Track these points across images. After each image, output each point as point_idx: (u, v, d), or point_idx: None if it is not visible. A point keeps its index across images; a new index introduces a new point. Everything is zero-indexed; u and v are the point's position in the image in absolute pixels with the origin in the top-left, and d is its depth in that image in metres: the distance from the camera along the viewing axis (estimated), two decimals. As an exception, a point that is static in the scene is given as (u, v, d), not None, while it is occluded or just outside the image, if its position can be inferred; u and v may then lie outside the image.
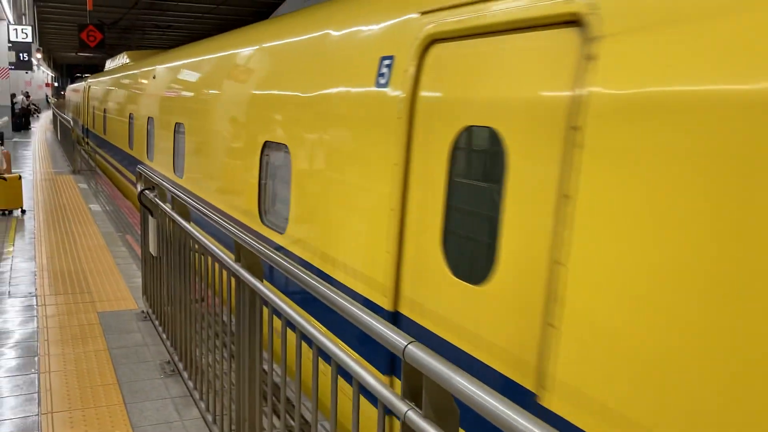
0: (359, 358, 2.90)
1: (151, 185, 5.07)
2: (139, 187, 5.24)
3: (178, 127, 8.07)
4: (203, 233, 3.77)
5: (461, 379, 1.53)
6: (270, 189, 4.99)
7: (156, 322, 5.28)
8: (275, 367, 3.50)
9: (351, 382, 2.03)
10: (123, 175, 12.74)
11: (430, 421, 1.65)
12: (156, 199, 4.82)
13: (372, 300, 3.37)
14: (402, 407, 1.74)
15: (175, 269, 4.29)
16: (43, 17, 35.05)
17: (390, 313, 3.21)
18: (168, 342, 4.81)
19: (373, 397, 1.88)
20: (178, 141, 8.07)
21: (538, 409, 2.26)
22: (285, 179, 4.61)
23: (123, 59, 17.22)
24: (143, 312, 5.74)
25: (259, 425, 3.05)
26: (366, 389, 1.95)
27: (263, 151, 5.02)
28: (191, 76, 7.90)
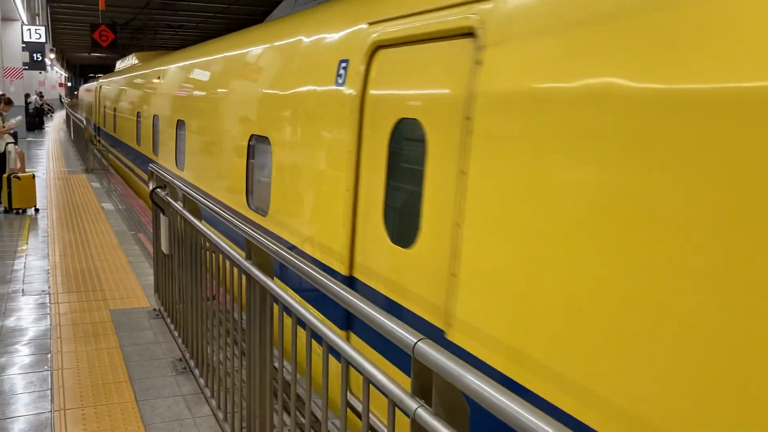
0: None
1: (163, 183, 5.09)
2: (151, 186, 5.27)
3: (179, 124, 8.60)
4: (214, 231, 3.78)
5: (472, 377, 1.52)
6: (255, 177, 5.53)
7: (168, 319, 5.31)
8: (285, 365, 3.51)
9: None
10: (132, 171, 13.43)
11: (439, 419, 1.64)
12: (167, 198, 4.84)
13: (333, 267, 3.86)
14: (412, 404, 1.73)
15: (187, 267, 4.31)
16: (56, 17, 35.33)
17: (346, 278, 3.72)
18: (179, 339, 4.83)
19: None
20: (178, 137, 8.59)
21: (445, 343, 2.71)
22: (267, 168, 5.10)
23: (132, 60, 17.94)
24: (155, 310, 5.76)
25: (270, 422, 3.06)
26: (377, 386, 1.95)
27: (250, 144, 5.56)
28: (188, 77, 8.61)
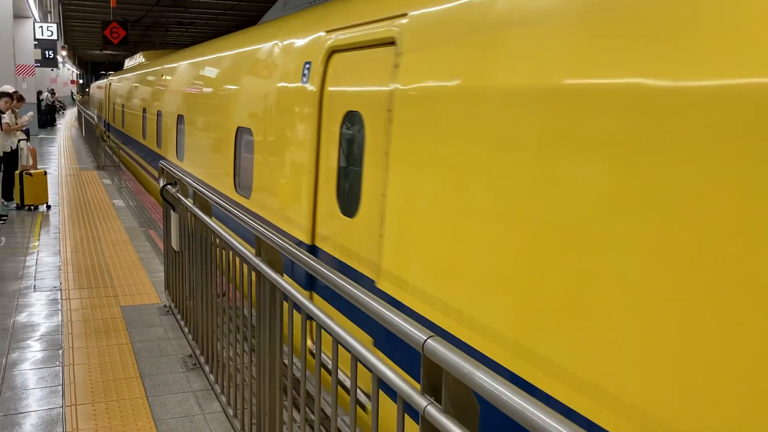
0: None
1: (173, 180, 5.10)
2: (162, 183, 5.28)
3: (179, 119, 9.34)
4: (224, 227, 3.79)
5: (482, 375, 1.51)
6: (241, 165, 6.21)
7: (178, 316, 5.32)
8: (295, 361, 3.51)
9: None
10: (140, 165, 14.32)
11: (449, 417, 1.63)
12: (178, 194, 4.85)
13: (299, 238, 4.53)
14: (421, 402, 1.72)
15: (197, 264, 4.32)
16: (68, 15, 35.52)
17: (310, 246, 4.39)
18: (190, 336, 4.85)
19: (393, 392, 1.87)
20: (179, 131, 9.34)
21: (375, 291, 3.39)
22: (251, 156, 5.79)
23: (139, 59, 18.91)
24: (165, 306, 5.78)
25: (279, 419, 3.06)
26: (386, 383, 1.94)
27: (237, 135, 6.28)
28: (185, 76, 9.52)
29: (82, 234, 8.71)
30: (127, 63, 22.22)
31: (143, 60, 17.81)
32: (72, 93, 62.32)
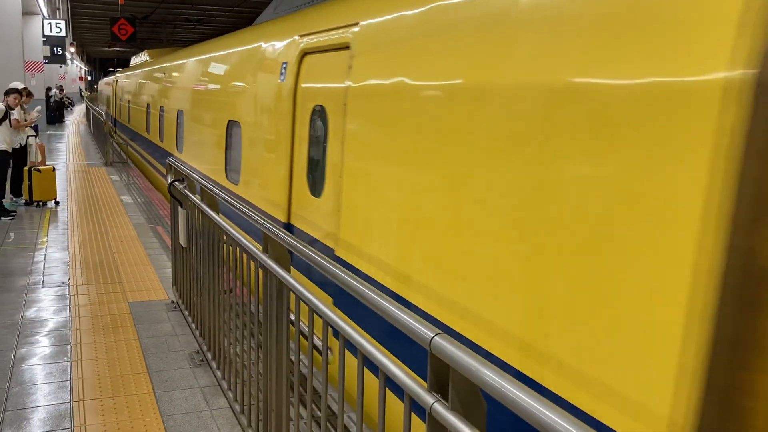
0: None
1: (181, 177, 5.11)
2: (169, 179, 5.29)
3: (178, 114, 10.02)
4: (231, 224, 3.80)
5: (489, 372, 1.50)
6: (231, 155, 6.85)
7: (185, 312, 5.34)
8: (302, 358, 3.52)
9: (377, 373, 2.02)
10: (143, 157, 15.07)
11: (456, 414, 1.63)
12: (185, 191, 4.86)
13: (277, 217, 5.11)
14: (428, 399, 1.72)
15: (204, 260, 4.33)
16: (77, 11, 35.64)
17: (285, 224, 4.97)
18: (197, 332, 4.86)
19: (399, 389, 1.87)
20: (178, 124, 10.00)
21: (335, 258, 3.96)
22: (239, 147, 6.40)
23: (144, 57, 19.78)
24: (173, 302, 5.80)
25: (286, 415, 3.06)
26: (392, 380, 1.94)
27: (228, 128, 6.93)
28: (184, 74, 10.22)
29: (90, 230, 8.74)
30: (133, 60, 22.81)
31: (147, 58, 18.62)
32: (80, 89, 62.55)
